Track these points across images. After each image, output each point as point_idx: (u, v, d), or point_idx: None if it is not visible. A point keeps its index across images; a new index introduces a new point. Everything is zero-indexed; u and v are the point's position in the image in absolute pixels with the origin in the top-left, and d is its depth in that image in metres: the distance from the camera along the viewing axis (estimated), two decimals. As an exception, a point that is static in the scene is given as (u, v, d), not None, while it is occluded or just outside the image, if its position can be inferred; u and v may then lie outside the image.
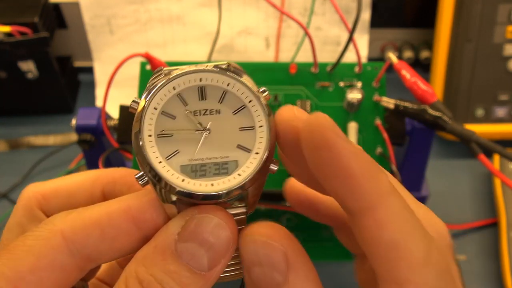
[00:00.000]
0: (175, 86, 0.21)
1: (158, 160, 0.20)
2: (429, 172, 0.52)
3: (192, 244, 0.19)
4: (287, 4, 0.60)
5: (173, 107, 0.20)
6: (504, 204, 0.53)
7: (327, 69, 0.47)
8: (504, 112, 0.59)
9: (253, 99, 0.21)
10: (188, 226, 0.19)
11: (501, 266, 0.50)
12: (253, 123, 0.21)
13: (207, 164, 0.20)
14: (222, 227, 0.19)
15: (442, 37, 0.59)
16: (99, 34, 0.63)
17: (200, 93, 0.21)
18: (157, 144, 0.20)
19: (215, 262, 0.19)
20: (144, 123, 0.20)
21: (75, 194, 0.24)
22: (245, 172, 0.20)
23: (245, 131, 0.21)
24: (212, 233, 0.19)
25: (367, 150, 0.45)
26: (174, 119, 0.20)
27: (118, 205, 0.20)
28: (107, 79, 0.42)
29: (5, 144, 0.63)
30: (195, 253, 0.19)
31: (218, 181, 0.20)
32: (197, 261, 0.19)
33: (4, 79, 0.62)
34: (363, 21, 0.62)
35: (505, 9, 0.57)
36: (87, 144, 0.46)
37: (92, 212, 0.20)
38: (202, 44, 0.63)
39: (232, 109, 0.21)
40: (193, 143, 0.20)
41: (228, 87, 0.21)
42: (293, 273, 0.19)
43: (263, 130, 0.21)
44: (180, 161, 0.20)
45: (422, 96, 0.44)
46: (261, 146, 0.21)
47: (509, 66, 0.59)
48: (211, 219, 0.19)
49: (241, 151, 0.21)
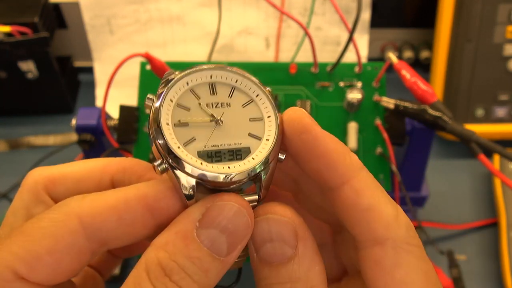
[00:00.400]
0: (188, 81, 0.22)
1: (177, 146, 0.21)
2: (429, 172, 0.52)
3: (214, 231, 0.20)
4: (287, 4, 0.60)
5: (187, 100, 0.22)
6: (504, 204, 0.53)
7: (327, 69, 0.47)
8: (504, 112, 0.59)
9: (260, 93, 0.23)
10: (210, 213, 0.20)
11: (501, 266, 0.50)
12: (261, 114, 0.23)
13: (222, 150, 0.22)
14: (242, 214, 0.20)
15: (442, 37, 0.59)
16: (99, 34, 0.63)
17: (211, 89, 0.23)
18: (175, 132, 0.21)
19: (233, 248, 0.20)
20: (161, 113, 0.21)
21: (84, 181, 0.24)
22: (258, 156, 0.22)
23: (255, 122, 0.23)
24: (233, 220, 0.20)
25: (367, 150, 0.45)
26: (189, 111, 0.22)
27: (135, 192, 0.21)
28: (107, 79, 0.42)
29: (5, 144, 0.63)
30: (216, 239, 0.20)
31: (234, 164, 0.21)
32: (217, 247, 0.20)
33: (4, 79, 0.62)
34: (363, 21, 0.62)
35: (505, 9, 0.57)
36: (87, 144, 0.46)
37: (109, 197, 0.21)
38: (202, 44, 0.63)
39: (241, 103, 0.23)
40: (208, 131, 0.22)
41: (237, 83, 0.23)
42: (302, 246, 0.21)
43: (271, 120, 0.23)
44: (197, 147, 0.21)
45: (422, 96, 0.44)
46: (271, 134, 0.22)
47: (509, 66, 0.59)
48: (232, 206, 0.20)
49: (252, 139, 0.22)
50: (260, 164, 0.21)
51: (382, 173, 0.45)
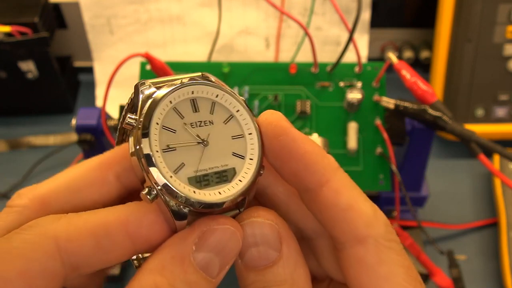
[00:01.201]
0: (171, 100, 0.21)
1: (169, 175, 0.20)
2: (429, 172, 0.52)
3: (210, 255, 0.20)
4: (287, 4, 0.60)
5: (172, 121, 0.21)
6: (504, 204, 0.53)
7: (327, 69, 0.47)
8: (504, 112, 0.59)
9: (240, 109, 0.23)
10: (207, 237, 0.20)
11: (501, 266, 0.50)
12: (242, 131, 0.22)
13: (209, 173, 0.21)
14: (235, 237, 0.21)
15: (442, 37, 0.59)
16: (99, 34, 0.63)
17: (193, 106, 0.22)
18: (165, 159, 0.20)
19: (223, 268, 0.20)
20: (151, 139, 0.20)
21: (82, 189, 0.22)
22: (244, 178, 0.22)
23: (237, 139, 0.22)
24: (228, 244, 0.20)
25: (367, 150, 0.45)
26: (175, 133, 0.21)
27: (116, 216, 0.20)
28: (107, 79, 0.42)
29: (5, 144, 0.63)
30: (212, 262, 0.20)
31: (223, 189, 0.21)
32: (211, 270, 0.20)
33: (4, 79, 0.62)
34: (363, 21, 0.62)
35: (505, 9, 0.57)
36: (87, 144, 0.46)
37: (87, 220, 0.20)
38: (202, 44, 0.63)
39: (223, 119, 0.22)
40: (195, 154, 0.21)
41: (217, 98, 0.22)
42: (286, 248, 0.21)
43: (253, 137, 0.22)
44: (187, 173, 0.21)
45: (422, 96, 0.44)
46: (254, 152, 0.22)
47: (509, 66, 0.59)
48: (227, 229, 0.20)
49: (236, 158, 0.22)
50: (249, 185, 0.21)
51: (382, 173, 0.45)
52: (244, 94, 0.47)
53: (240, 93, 0.47)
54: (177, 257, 0.20)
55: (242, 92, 0.47)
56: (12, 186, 0.59)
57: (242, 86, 0.47)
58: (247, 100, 0.46)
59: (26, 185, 0.59)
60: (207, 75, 0.23)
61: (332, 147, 0.45)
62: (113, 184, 0.22)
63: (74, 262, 0.19)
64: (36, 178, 0.60)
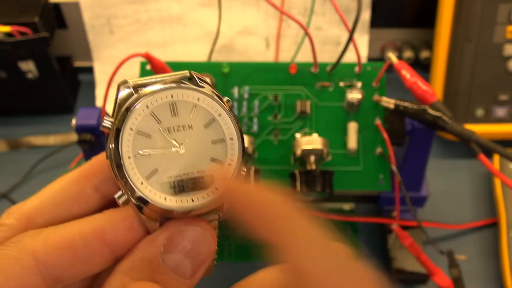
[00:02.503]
0: (148, 104, 0.21)
1: (140, 181, 0.20)
2: (429, 172, 0.52)
3: (178, 255, 0.20)
4: (287, 4, 0.60)
5: (148, 126, 0.21)
6: (504, 204, 0.53)
7: (327, 69, 0.47)
8: (504, 112, 0.59)
9: (222, 112, 0.22)
10: (175, 238, 0.20)
11: (501, 266, 0.50)
12: (223, 135, 0.22)
13: (185, 179, 0.21)
14: (206, 238, 0.20)
15: (442, 37, 0.59)
16: (99, 34, 0.63)
17: (172, 109, 0.21)
18: (136, 164, 0.20)
19: (197, 269, 0.20)
20: (122, 145, 0.20)
21: (63, 203, 0.22)
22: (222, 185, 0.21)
23: (217, 144, 0.22)
24: (197, 245, 0.20)
25: (367, 150, 0.45)
26: (150, 138, 0.21)
27: (91, 225, 0.20)
28: (107, 79, 0.42)
29: (5, 144, 0.63)
30: (181, 263, 0.20)
31: (197, 196, 0.21)
32: (182, 270, 0.20)
33: (4, 79, 0.62)
34: (363, 21, 0.62)
35: (505, 9, 0.57)
36: (87, 144, 0.46)
37: (64, 232, 0.20)
38: (202, 44, 0.63)
39: (203, 122, 0.22)
40: (170, 160, 0.21)
41: (198, 101, 0.22)
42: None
43: (233, 143, 0.22)
44: (159, 179, 0.21)
45: (422, 96, 0.44)
46: (233, 158, 0.22)
47: (509, 66, 0.59)
48: (196, 230, 0.20)
49: (215, 164, 0.22)
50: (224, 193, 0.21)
51: (382, 173, 0.45)
52: (244, 94, 0.47)
53: (240, 93, 0.47)
54: (145, 258, 0.20)
55: (242, 92, 0.47)
56: (12, 186, 0.59)
57: (242, 86, 0.47)
58: (246, 100, 0.46)
59: (26, 185, 0.60)
60: (195, 74, 0.22)
61: (332, 147, 0.45)
62: (91, 196, 0.22)
63: (54, 274, 0.19)
64: (36, 178, 0.60)
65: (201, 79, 0.22)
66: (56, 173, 0.59)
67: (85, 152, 0.48)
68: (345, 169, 0.45)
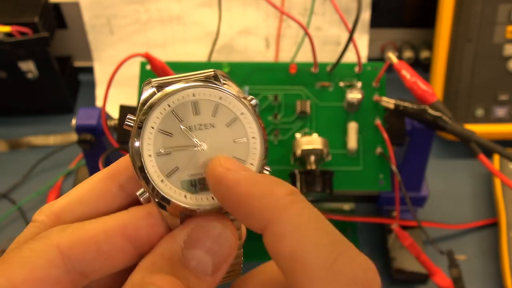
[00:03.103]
0: (169, 103, 0.21)
1: (160, 179, 0.21)
2: (429, 172, 0.52)
3: (199, 251, 0.20)
4: (287, 4, 0.60)
5: (169, 124, 0.21)
6: (504, 204, 0.53)
7: (327, 69, 0.47)
8: (504, 112, 0.59)
9: (244, 111, 0.22)
10: (195, 234, 0.20)
11: (501, 266, 0.50)
12: (246, 134, 0.22)
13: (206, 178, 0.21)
14: (226, 234, 0.20)
15: (442, 37, 0.59)
16: (99, 34, 0.63)
17: (194, 108, 0.22)
18: (157, 162, 0.21)
19: (218, 267, 0.20)
20: (143, 143, 0.21)
21: (90, 202, 0.23)
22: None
23: (239, 143, 0.22)
24: (217, 241, 0.20)
25: (367, 150, 0.45)
26: (171, 137, 0.21)
27: (114, 222, 0.21)
28: (107, 79, 0.42)
29: (5, 144, 0.63)
30: (201, 259, 0.20)
31: None
32: (202, 267, 0.20)
33: (4, 79, 0.62)
34: (363, 21, 0.62)
35: (505, 9, 0.57)
36: (87, 144, 0.46)
37: (89, 228, 0.21)
38: (202, 44, 0.63)
39: (225, 121, 0.22)
40: (191, 158, 0.21)
41: (221, 100, 0.22)
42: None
43: (256, 142, 0.22)
44: (180, 177, 0.21)
45: (422, 96, 0.44)
46: (255, 157, 0.22)
47: (509, 66, 0.59)
48: (215, 227, 0.20)
49: None
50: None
51: (382, 173, 0.45)
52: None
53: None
54: (166, 254, 0.20)
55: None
56: (12, 186, 0.59)
57: (242, 86, 0.47)
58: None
59: (26, 185, 0.60)
60: (219, 73, 0.23)
61: (332, 147, 0.45)
62: (117, 194, 0.23)
63: (78, 268, 0.20)
64: (36, 178, 0.60)
65: (225, 77, 0.23)
66: (56, 173, 0.59)
67: (85, 152, 0.48)
68: (345, 169, 0.45)
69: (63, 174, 0.59)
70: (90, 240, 0.20)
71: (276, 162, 0.45)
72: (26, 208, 0.57)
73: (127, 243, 0.20)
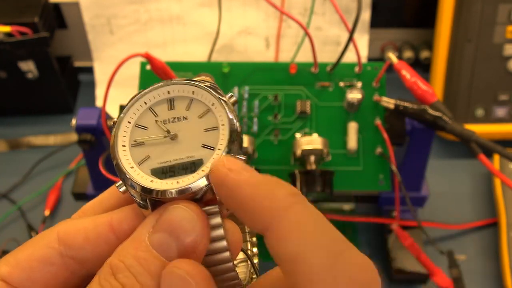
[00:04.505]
0: (146, 101, 0.23)
1: (130, 166, 0.22)
2: (429, 172, 0.52)
3: (163, 234, 0.20)
4: (287, 4, 0.60)
5: (145, 119, 0.23)
6: (504, 204, 0.53)
7: (327, 69, 0.47)
8: (504, 112, 0.59)
9: (215, 102, 0.23)
10: (161, 217, 0.21)
11: (501, 266, 0.50)
12: (217, 123, 0.23)
13: (175, 165, 0.22)
14: (190, 217, 0.21)
15: (442, 37, 0.59)
16: (99, 34, 0.63)
17: (169, 104, 0.23)
18: (131, 152, 0.22)
19: (185, 255, 0.20)
20: (118, 135, 0.23)
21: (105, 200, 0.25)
22: (208, 167, 0.22)
23: (210, 132, 0.23)
24: (180, 223, 0.20)
25: (367, 150, 0.45)
26: (147, 129, 0.23)
27: (105, 216, 0.23)
28: (107, 79, 0.42)
29: (5, 144, 0.63)
30: (165, 242, 0.20)
31: (183, 179, 0.22)
32: (166, 251, 0.20)
33: (4, 79, 0.62)
34: (363, 21, 0.62)
35: (505, 9, 0.57)
36: (87, 144, 0.46)
37: (84, 220, 0.23)
38: (202, 44, 0.63)
39: (198, 113, 0.23)
40: (162, 148, 0.23)
41: (194, 95, 0.23)
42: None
43: (224, 128, 0.23)
44: (150, 164, 0.22)
45: (422, 96, 0.44)
46: (223, 143, 0.22)
47: (509, 66, 0.59)
48: (179, 209, 0.21)
49: (206, 150, 0.22)
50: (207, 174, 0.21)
51: (382, 173, 0.45)
52: (244, 94, 0.47)
53: (240, 93, 0.47)
54: (133, 238, 0.21)
55: (242, 92, 0.47)
56: (12, 186, 0.59)
57: (242, 86, 0.47)
58: (246, 100, 0.46)
59: (26, 185, 0.60)
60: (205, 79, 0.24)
61: (332, 147, 0.45)
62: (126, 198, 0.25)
63: (69, 253, 0.22)
64: (36, 178, 0.60)
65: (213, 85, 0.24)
66: (56, 173, 0.59)
67: (85, 152, 0.48)
68: (345, 169, 0.45)
69: (63, 174, 0.59)
70: (81, 229, 0.22)
71: (276, 162, 0.45)
72: (26, 208, 0.57)
73: (111, 234, 0.22)
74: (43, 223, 0.55)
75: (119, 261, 0.20)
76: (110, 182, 0.41)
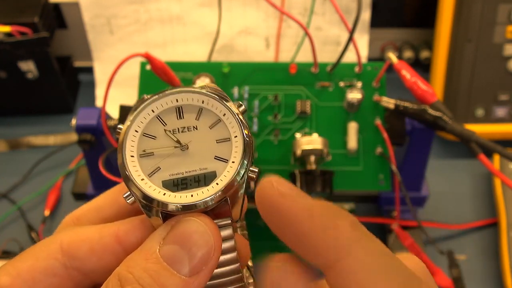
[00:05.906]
0: (153, 109, 0.22)
1: (140, 178, 0.21)
2: (429, 172, 0.52)
3: (174, 246, 0.20)
4: (287, 4, 0.60)
5: (153, 128, 0.22)
6: (504, 204, 0.53)
7: (327, 69, 0.47)
8: (504, 112, 0.59)
9: (227, 113, 0.22)
10: (173, 230, 0.20)
11: (501, 266, 0.50)
12: (229, 134, 0.22)
13: (188, 177, 0.21)
14: (204, 231, 0.20)
15: (442, 37, 0.59)
16: (99, 34, 0.63)
17: (178, 113, 0.22)
18: (140, 163, 0.21)
19: (197, 268, 0.20)
20: (126, 145, 0.21)
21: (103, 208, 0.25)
22: (222, 181, 0.21)
23: (222, 143, 0.22)
24: (193, 236, 0.20)
25: (367, 150, 0.45)
26: (155, 139, 0.22)
27: (110, 226, 0.22)
28: (107, 79, 0.42)
29: (5, 144, 0.63)
30: (176, 255, 0.20)
31: (197, 192, 0.21)
32: (178, 263, 0.20)
33: (4, 79, 0.62)
34: (363, 21, 0.62)
35: (505, 9, 0.57)
36: (87, 144, 0.46)
37: (89, 230, 0.22)
38: (202, 44, 0.63)
39: (209, 124, 0.22)
40: (173, 159, 0.22)
41: (203, 104, 0.22)
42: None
43: (238, 140, 0.22)
44: (161, 176, 0.21)
45: (422, 96, 0.44)
46: (237, 155, 0.22)
47: (509, 66, 0.59)
48: (193, 222, 0.20)
49: (219, 162, 0.22)
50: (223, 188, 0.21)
51: (382, 173, 0.45)
52: (244, 94, 0.47)
53: (240, 93, 0.47)
54: (143, 250, 0.20)
55: (242, 92, 0.47)
56: (12, 186, 0.59)
57: (242, 86, 0.47)
58: (246, 100, 0.46)
59: (26, 185, 0.60)
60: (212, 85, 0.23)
61: (332, 147, 0.45)
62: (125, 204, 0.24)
63: (73, 265, 0.21)
64: (36, 178, 0.60)
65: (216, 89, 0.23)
66: (56, 173, 0.59)
67: (85, 152, 0.48)
68: (345, 169, 0.45)
69: (63, 174, 0.59)
70: (86, 239, 0.22)
71: (276, 162, 0.45)
72: (26, 208, 0.57)
73: (118, 245, 0.22)
74: (43, 223, 0.55)
75: (128, 272, 0.19)
76: (110, 182, 0.41)
